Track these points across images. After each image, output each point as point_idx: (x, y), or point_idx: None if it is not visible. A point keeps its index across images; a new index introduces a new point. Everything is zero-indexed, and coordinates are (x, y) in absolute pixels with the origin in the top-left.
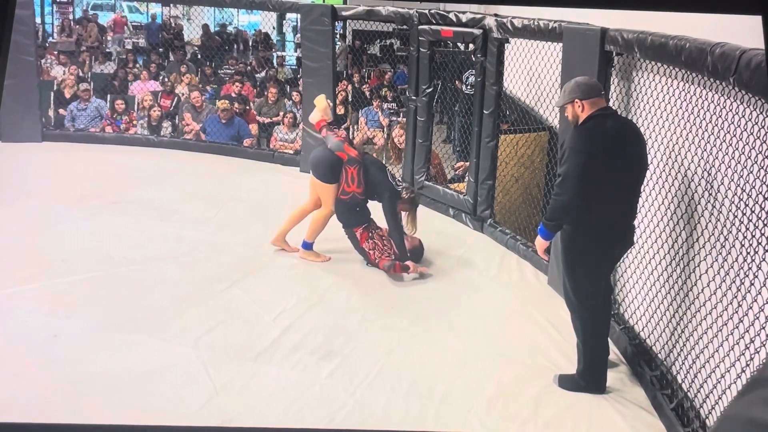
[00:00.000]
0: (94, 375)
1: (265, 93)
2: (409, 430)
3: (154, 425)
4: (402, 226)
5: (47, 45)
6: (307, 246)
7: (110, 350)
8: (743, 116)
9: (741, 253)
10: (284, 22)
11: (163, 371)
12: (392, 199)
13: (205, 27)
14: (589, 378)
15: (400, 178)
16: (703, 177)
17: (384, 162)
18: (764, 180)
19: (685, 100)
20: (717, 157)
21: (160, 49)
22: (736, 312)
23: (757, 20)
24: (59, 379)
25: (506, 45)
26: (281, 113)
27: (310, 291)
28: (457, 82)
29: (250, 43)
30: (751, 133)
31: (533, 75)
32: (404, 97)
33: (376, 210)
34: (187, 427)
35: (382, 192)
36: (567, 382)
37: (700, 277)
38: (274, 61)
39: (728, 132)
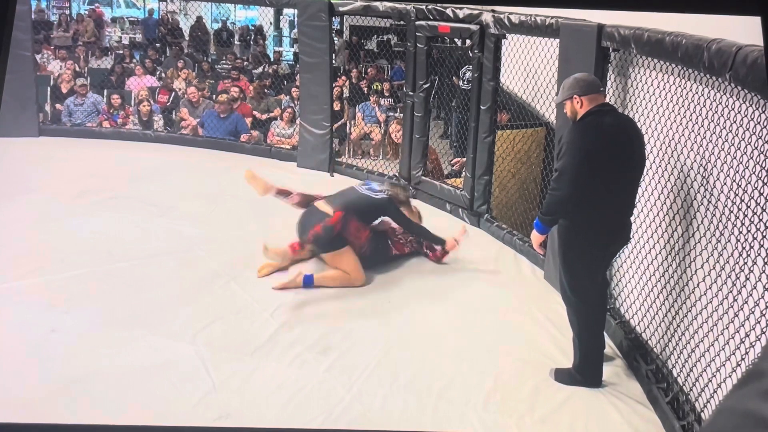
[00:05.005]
0: (92, 370)
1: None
2: (408, 431)
3: (154, 425)
4: (414, 221)
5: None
6: (309, 282)
7: (108, 346)
8: (739, 112)
9: (736, 247)
10: (281, 17)
11: (162, 367)
12: (392, 206)
13: (199, 19)
14: (585, 372)
15: (378, 183)
16: (699, 172)
17: (381, 157)
18: (760, 175)
19: (681, 96)
20: (713, 153)
21: (157, 45)
22: (732, 306)
23: (754, 20)
24: (57, 375)
25: (503, 41)
26: (277, 109)
27: None
28: (454, 78)
29: (249, 38)
30: (747, 129)
31: (530, 71)
32: (401, 92)
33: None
34: (187, 427)
35: (381, 212)
36: (563, 377)
37: (695, 271)
38: (272, 56)
39: (724, 128)
